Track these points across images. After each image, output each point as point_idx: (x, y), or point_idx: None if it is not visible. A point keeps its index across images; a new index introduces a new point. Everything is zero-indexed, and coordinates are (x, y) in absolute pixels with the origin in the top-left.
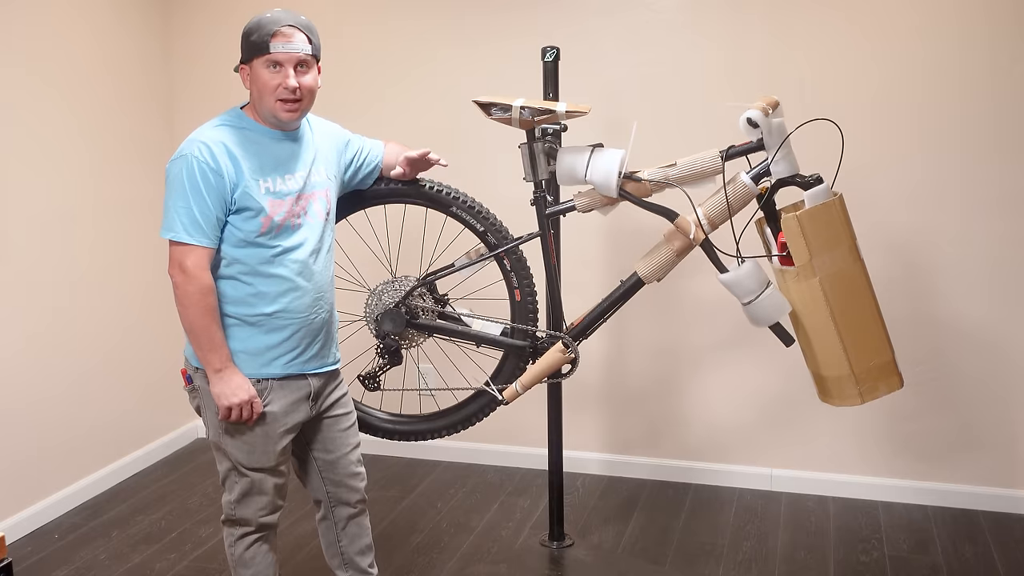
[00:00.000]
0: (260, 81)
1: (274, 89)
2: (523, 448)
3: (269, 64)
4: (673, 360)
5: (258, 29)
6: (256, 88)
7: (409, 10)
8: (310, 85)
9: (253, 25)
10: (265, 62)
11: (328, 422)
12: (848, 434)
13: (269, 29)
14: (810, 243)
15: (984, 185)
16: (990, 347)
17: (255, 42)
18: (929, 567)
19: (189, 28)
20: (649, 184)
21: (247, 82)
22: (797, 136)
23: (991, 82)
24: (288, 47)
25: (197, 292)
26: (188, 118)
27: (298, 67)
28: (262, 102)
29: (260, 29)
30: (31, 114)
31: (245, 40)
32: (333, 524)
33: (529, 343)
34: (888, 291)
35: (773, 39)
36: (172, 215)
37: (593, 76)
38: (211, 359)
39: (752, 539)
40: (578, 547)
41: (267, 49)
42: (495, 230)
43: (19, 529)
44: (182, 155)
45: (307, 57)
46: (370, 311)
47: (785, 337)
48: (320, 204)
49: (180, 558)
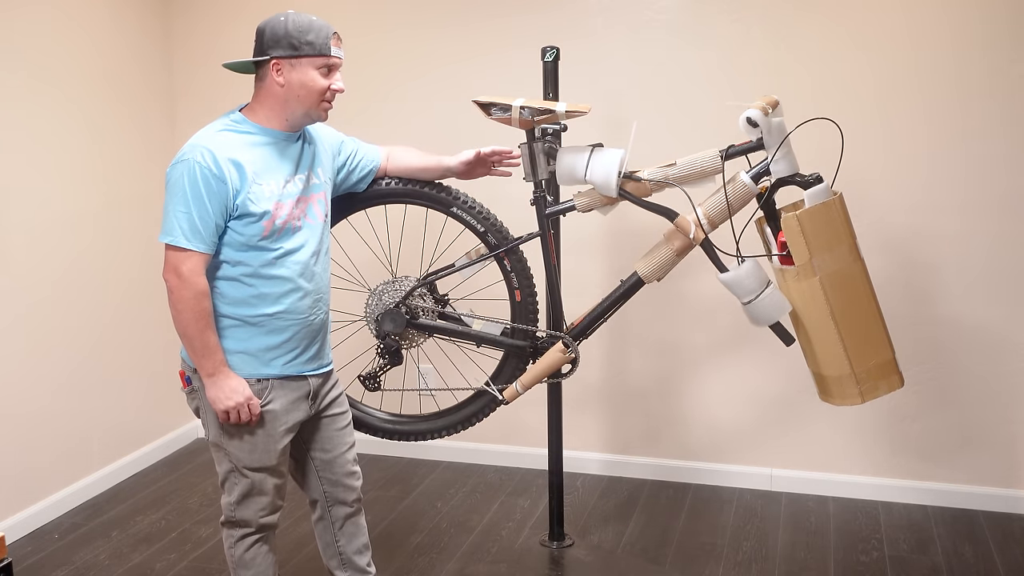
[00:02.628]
0: (308, 81)
1: (323, 91)
2: (523, 448)
3: (324, 67)
4: (673, 360)
5: (313, 30)
6: (298, 87)
7: (409, 10)
8: None
9: (304, 24)
10: (321, 64)
11: (325, 421)
12: (848, 434)
13: (328, 32)
14: (810, 242)
15: (984, 185)
16: (990, 347)
17: (312, 42)
18: (929, 567)
19: (190, 28)
20: (649, 184)
21: (279, 76)
22: (797, 135)
23: (990, 82)
24: (341, 52)
25: (192, 297)
26: (190, 118)
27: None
28: (302, 102)
29: (316, 30)
30: (31, 114)
31: (291, 37)
32: (330, 524)
33: (529, 343)
34: (888, 291)
35: (773, 39)
36: (172, 220)
37: (593, 76)
38: (204, 364)
39: (752, 539)
40: (578, 547)
41: (328, 51)
42: (496, 230)
43: (19, 529)
44: (184, 159)
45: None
46: (370, 311)
47: (785, 337)
48: (319, 206)
49: (180, 558)
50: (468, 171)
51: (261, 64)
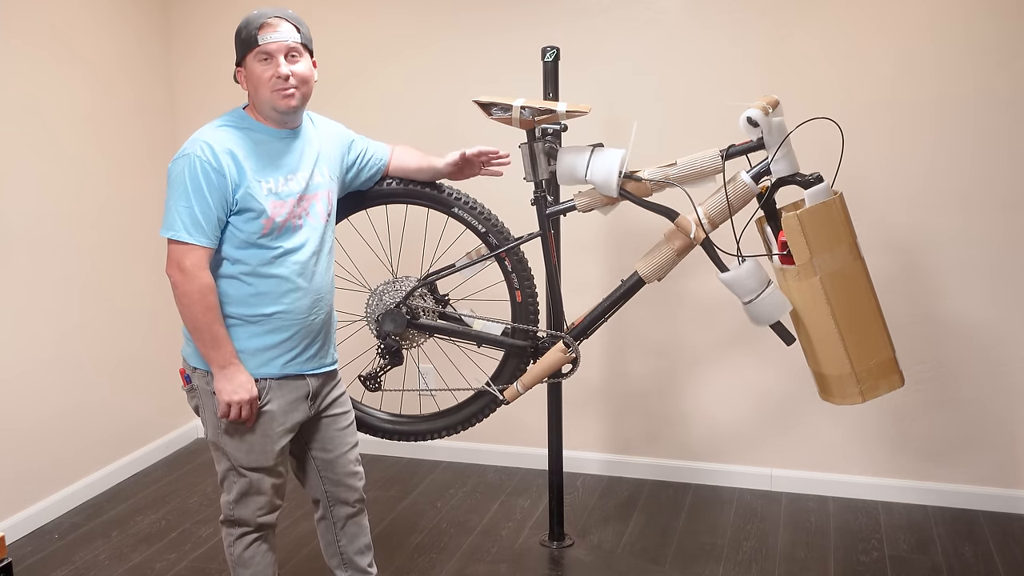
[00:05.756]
0: (254, 76)
1: (268, 80)
2: (523, 448)
3: (260, 57)
4: (673, 360)
5: (246, 26)
6: (252, 84)
7: (409, 9)
8: (303, 73)
9: (241, 24)
10: (256, 55)
11: (326, 421)
12: (848, 434)
13: (256, 23)
14: (810, 242)
15: (984, 184)
16: (991, 346)
17: (244, 39)
18: (929, 567)
19: (190, 25)
20: (649, 183)
21: (244, 84)
22: (797, 135)
23: (992, 80)
24: (275, 36)
25: (197, 291)
26: (191, 116)
27: (289, 56)
28: (259, 97)
29: (248, 25)
30: (31, 114)
31: (236, 41)
32: (332, 524)
33: (530, 343)
34: (888, 290)
35: (773, 39)
36: (173, 214)
37: (593, 76)
38: (214, 356)
39: (752, 539)
40: (578, 547)
41: (256, 42)
42: (496, 231)
43: (19, 529)
44: (184, 154)
45: (296, 45)
46: (371, 311)
47: (786, 336)
48: (322, 205)
49: (180, 558)
50: (456, 172)
51: None
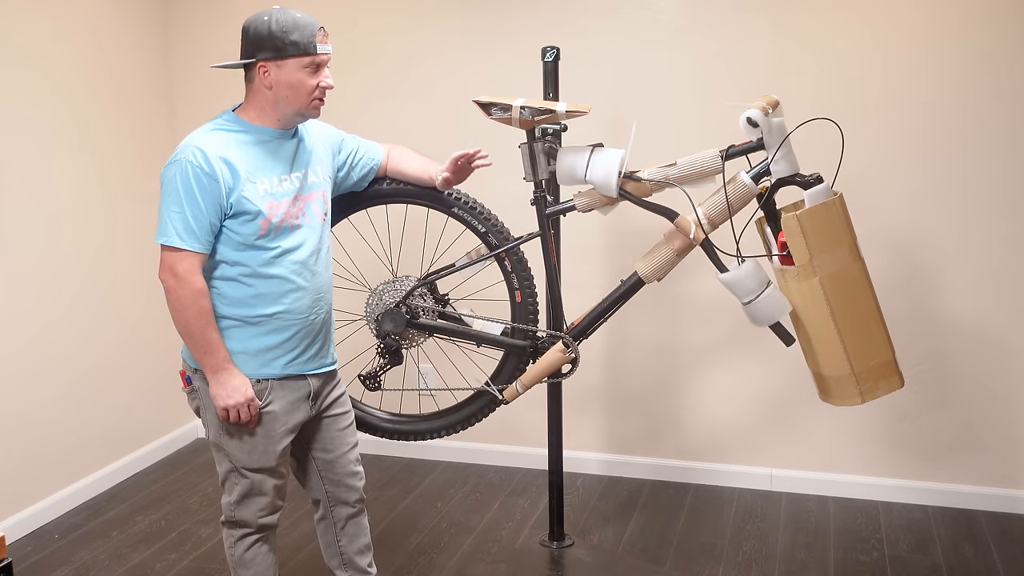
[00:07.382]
0: (295, 82)
1: (312, 90)
2: (523, 448)
3: (312, 66)
4: (673, 360)
5: (297, 28)
6: (287, 88)
7: (409, 9)
8: None
9: (287, 24)
10: (307, 63)
11: (327, 421)
12: (848, 434)
13: (312, 30)
14: (810, 242)
15: (985, 185)
16: (990, 347)
17: (297, 41)
18: (929, 567)
19: (189, 25)
20: (649, 184)
21: (266, 79)
22: (797, 136)
23: (992, 82)
24: (328, 48)
25: (190, 296)
26: (190, 116)
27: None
28: (291, 102)
29: (301, 29)
30: (31, 113)
31: (275, 38)
32: (332, 524)
33: (529, 343)
34: (888, 291)
35: (773, 40)
36: (166, 220)
37: (593, 76)
38: (207, 361)
39: (752, 539)
40: (578, 547)
41: (314, 50)
42: (496, 231)
43: (19, 529)
44: (176, 160)
45: None
46: (371, 311)
47: (785, 337)
48: (318, 205)
49: (180, 558)
50: (451, 181)
51: (249, 66)
